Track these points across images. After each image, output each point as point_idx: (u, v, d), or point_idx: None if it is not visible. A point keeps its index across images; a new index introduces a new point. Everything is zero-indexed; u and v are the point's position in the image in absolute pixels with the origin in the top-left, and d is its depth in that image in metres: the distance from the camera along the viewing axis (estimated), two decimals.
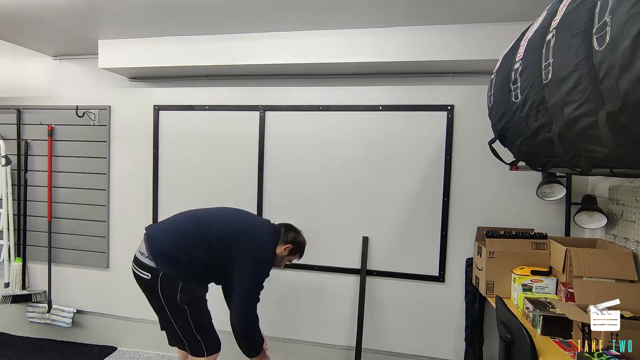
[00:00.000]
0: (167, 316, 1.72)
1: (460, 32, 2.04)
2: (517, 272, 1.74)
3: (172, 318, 1.71)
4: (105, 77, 2.76)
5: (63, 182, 2.67)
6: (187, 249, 1.68)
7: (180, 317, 1.71)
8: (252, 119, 2.39)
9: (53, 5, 1.97)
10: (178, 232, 1.74)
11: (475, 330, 2.10)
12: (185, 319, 1.71)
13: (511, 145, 1.40)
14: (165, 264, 1.65)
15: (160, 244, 1.69)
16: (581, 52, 0.77)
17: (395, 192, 2.22)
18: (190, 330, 1.74)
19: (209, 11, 1.99)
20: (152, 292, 1.69)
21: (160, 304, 1.69)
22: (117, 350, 2.67)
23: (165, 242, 1.70)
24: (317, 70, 2.38)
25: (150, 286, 1.68)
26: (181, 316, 1.71)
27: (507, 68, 1.27)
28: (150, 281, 1.66)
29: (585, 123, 0.80)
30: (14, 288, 2.71)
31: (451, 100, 2.15)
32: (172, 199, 2.53)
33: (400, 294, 2.26)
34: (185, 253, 1.67)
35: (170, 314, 1.71)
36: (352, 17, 2.02)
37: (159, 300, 1.68)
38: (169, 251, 1.67)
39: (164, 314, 1.73)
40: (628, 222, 1.70)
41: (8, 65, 2.97)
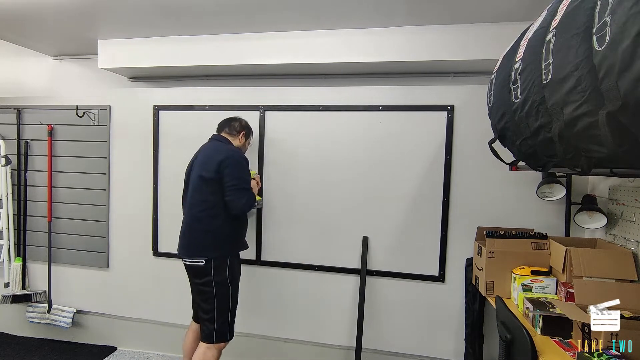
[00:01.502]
0: (212, 298, 1.83)
1: (460, 32, 2.04)
2: (517, 272, 1.74)
3: (217, 299, 1.84)
4: (105, 77, 2.76)
5: (63, 182, 2.67)
6: (202, 213, 1.84)
7: (221, 298, 1.85)
8: (252, 119, 2.39)
9: (53, 5, 1.97)
10: (187, 216, 1.92)
11: (475, 330, 2.10)
12: (225, 299, 1.86)
13: (511, 145, 1.40)
14: (207, 249, 1.82)
15: (189, 239, 1.87)
16: (581, 52, 0.77)
17: (395, 192, 2.22)
18: (226, 309, 1.88)
19: (208, 11, 1.99)
20: (201, 280, 1.84)
21: (211, 288, 1.82)
22: (117, 350, 2.67)
23: (189, 232, 1.88)
24: (317, 70, 2.38)
25: (200, 272, 1.83)
26: (223, 296, 1.85)
27: (507, 68, 1.27)
28: (200, 267, 1.82)
29: (585, 123, 0.80)
30: (14, 288, 2.71)
31: (451, 100, 2.15)
32: (172, 199, 2.53)
33: (400, 294, 2.26)
34: (206, 218, 1.83)
35: (217, 296, 1.84)
36: (353, 17, 2.02)
37: (210, 284, 1.82)
38: (199, 236, 1.84)
39: (209, 297, 1.83)
40: (628, 222, 1.70)
41: (8, 65, 2.97)
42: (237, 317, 2.47)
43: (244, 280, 2.44)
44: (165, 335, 2.61)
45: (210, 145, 1.98)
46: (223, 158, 1.83)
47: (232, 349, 2.48)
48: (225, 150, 1.89)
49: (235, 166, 1.84)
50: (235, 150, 1.94)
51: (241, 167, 1.88)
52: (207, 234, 1.83)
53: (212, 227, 1.83)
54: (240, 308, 2.46)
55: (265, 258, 2.42)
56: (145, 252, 2.59)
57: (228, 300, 1.86)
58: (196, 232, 1.85)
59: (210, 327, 1.83)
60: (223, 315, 1.85)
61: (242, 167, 1.88)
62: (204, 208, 1.84)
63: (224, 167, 1.81)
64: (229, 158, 1.83)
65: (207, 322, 1.84)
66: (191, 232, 1.87)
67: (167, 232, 2.55)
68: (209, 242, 1.83)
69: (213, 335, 1.83)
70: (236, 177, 1.83)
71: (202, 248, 1.83)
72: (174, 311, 2.57)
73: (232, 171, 1.82)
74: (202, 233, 1.84)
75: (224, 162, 1.82)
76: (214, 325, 1.83)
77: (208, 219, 1.83)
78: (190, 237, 1.87)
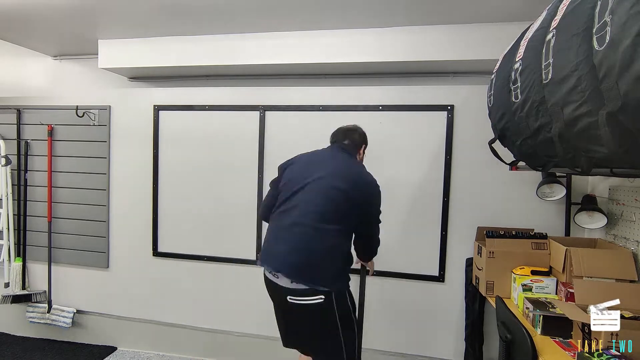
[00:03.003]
0: (338, 336, 1.51)
1: (460, 32, 2.04)
2: (517, 272, 1.74)
3: (343, 337, 1.51)
4: (105, 77, 2.76)
5: (63, 182, 2.67)
6: (336, 231, 1.48)
7: (348, 334, 1.54)
8: (252, 119, 2.39)
9: (53, 5, 1.97)
10: (304, 226, 1.47)
11: (475, 330, 2.10)
12: (352, 333, 1.56)
13: (511, 145, 1.40)
14: (332, 279, 1.47)
15: (307, 258, 1.45)
16: (581, 52, 0.77)
17: (395, 191, 2.22)
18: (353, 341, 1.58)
19: (208, 11, 1.99)
20: (325, 315, 1.48)
21: (335, 324, 1.48)
22: (117, 350, 2.67)
23: (309, 249, 1.46)
24: (317, 70, 2.38)
25: (325, 310, 1.46)
26: (350, 331, 1.55)
27: (507, 68, 1.27)
28: (325, 303, 1.45)
29: (585, 123, 0.80)
30: (14, 288, 2.71)
31: (451, 100, 2.15)
32: (172, 199, 2.53)
33: (400, 294, 2.26)
34: (340, 238, 1.51)
35: (342, 333, 1.51)
36: (353, 17, 2.02)
37: (335, 321, 1.48)
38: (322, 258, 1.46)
39: (334, 335, 1.50)
40: (628, 222, 1.70)
41: (8, 65, 2.97)
42: (238, 317, 2.48)
43: (244, 281, 2.45)
44: (165, 335, 2.60)
45: (339, 155, 1.66)
46: (369, 181, 1.59)
47: (233, 349, 2.48)
48: (363, 172, 1.63)
49: (379, 197, 1.63)
50: (369, 175, 1.63)
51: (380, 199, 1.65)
52: (336, 259, 1.50)
53: (344, 249, 1.53)
54: (242, 308, 2.47)
55: None
56: (145, 252, 2.59)
57: (354, 331, 1.57)
58: (324, 252, 1.47)
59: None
60: (351, 348, 1.55)
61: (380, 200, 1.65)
62: (341, 228, 1.50)
63: (370, 194, 1.58)
64: (377, 187, 1.60)
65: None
66: (314, 250, 1.46)
67: (167, 232, 2.55)
68: (336, 268, 1.51)
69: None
70: (379, 210, 1.65)
71: (326, 275, 1.46)
72: (174, 311, 2.57)
73: (378, 202, 1.62)
74: (331, 255, 1.48)
75: (371, 188, 1.58)
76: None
77: (342, 239, 1.53)
78: (310, 257, 1.45)
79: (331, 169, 1.56)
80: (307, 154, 1.72)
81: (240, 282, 2.45)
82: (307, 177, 1.55)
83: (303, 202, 1.51)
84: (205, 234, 2.48)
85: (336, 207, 1.49)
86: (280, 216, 1.57)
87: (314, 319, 1.49)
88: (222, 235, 2.47)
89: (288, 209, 1.54)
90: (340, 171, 1.56)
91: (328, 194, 1.50)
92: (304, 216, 1.48)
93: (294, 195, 1.54)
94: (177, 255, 2.53)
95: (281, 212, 1.56)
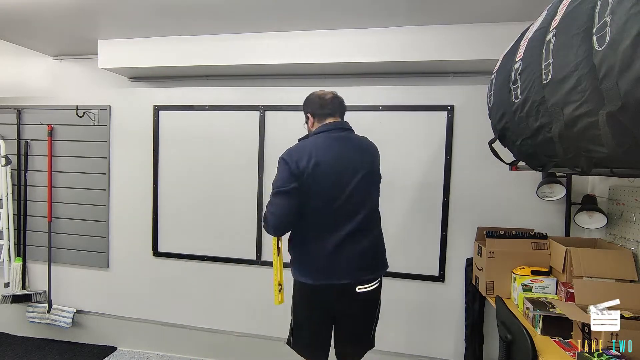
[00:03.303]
0: (372, 321, 1.61)
1: (460, 32, 2.04)
2: (517, 272, 1.74)
3: (376, 320, 1.63)
4: (105, 77, 2.76)
5: (63, 182, 2.67)
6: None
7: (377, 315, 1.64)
8: (252, 119, 2.39)
9: (53, 5, 1.97)
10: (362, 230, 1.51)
11: (475, 330, 2.10)
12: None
13: (511, 145, 1.40)
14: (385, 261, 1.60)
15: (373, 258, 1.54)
16: (581, 52, 0.77)
17: (395, 192, 2.22)
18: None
19: (208, 11, 1.99)
20: (376, 298, 1.60)
21: (377, 309, 1.62)
22: (117, 350, 2.67)
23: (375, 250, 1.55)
24: (317, 70, 2.38)
25: (376, 293, 1.59)
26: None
27: (507, 68, 1.27)
28: (378, 287, 1.57)
29: (585, 123, 0.80)
30: (14, 288, 2.71)
31: (451, 100, 2.15)
32: (172, 198, 2.53)
33: (400, 294, 2.26)
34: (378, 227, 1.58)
35: (377, 316, 1.63)
36: (352, 17, 2.02)
37: (377, 305, 1.61)
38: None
39: (371, 321, 1.60)
40: (628, 222, 1.70)
41: (8, 65, 2.97)
42: (238, 317, 2.48)
43: (245, 281, 2.45)
44: (165, 335, 2.61)
45: (353, 136, 1.61)
46: (375, 151, 1.64)
47: (233, 349, 2.48)
48: (368, 141, 1.65)
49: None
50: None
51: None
52: (382, 241, 1.62)
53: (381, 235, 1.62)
54: (242, 308, 2.47)
55: (265, 258, 2.41)
56: (145, 252, 2.59)
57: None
58: (381, 242, 1.60)
59: (369, 344, 1.65)
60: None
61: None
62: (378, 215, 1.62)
63: (378, 162, 1.64)
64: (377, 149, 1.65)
65: (368, 343, 1.64)
66: (378, 247, 1.59)
67: (167, 232, 2.55)
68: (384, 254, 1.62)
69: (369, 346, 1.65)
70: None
71: (385, 259, 1.62)
72: (174, 311, 2.57)
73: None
74: (382, 240, 1.61)
75: (376, 155, 1.64)
76: (370, 340, 1.65)
77: (379, 227, 1.62)
78: (377, 253, 1.57)
79: (359, 158, 1.52)
80: (325, 149, 1.48)
81: (240, 282, 2.45)
82: (345, 181, 1.47)
83: (353, 208, 1.48)
84: (205, 234, 2.48)
85: (377, 192, 1.60)
86: (333, 228, 1.47)
87: (375, 305, 1.60)
88: (222, 235, 2.47)
89: (339, 221, 1.47)
90: (367, 157, 1.56)
91: (370, 190, 1.55)
92: (361, 222, 1.49)
93: (342, 206, 1.47)
94: (177, 255, 2.53)
95: (332, 224, 1.47)
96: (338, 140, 1.52)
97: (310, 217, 1.47)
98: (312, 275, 1.48)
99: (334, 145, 1.49)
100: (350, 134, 1.59)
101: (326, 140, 1.50)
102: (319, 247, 1.47)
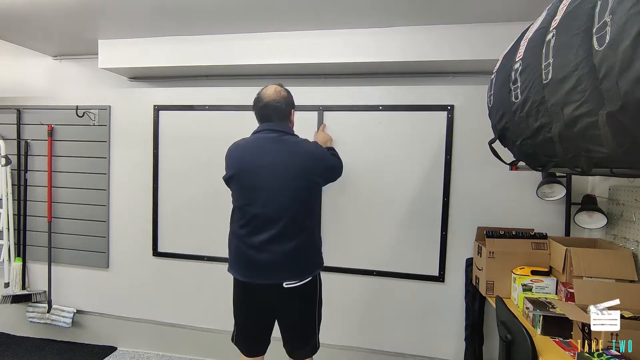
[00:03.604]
0: (312, 320, 1.65)
1: (460, 32, 2.04)
2: (517, 272, 1.74)
3: (317, 317, 1.67)
4: (105, 77, 2.76)
5: (63, 182, 2.67)
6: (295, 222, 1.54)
7: (319, 313, 1.68)
8: (253, 119, 2.37)
9: (53, 5, 1.97)
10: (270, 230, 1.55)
11: (475, 330, 2.10)
12: (319, 313, 1.68)
13: (511, 145, 1.40)
14: (309, 261, 1.60)
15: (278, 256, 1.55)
16: (581, 52, 0.77)
17: (395, 192, 2.22)
18: (317, 325, 1.69)
19: (209, 11, 1.99)
20: (309, 297, 1.63)
21: (315, 307, 1.65)
22: (117, 350, 2.67)
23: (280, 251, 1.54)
24: (317, 70, 2.38)
25: (311, 292, 1.63)
26: (319, 311, 1.68)
27: (507, 68, 1.27)
28: (310, 285, 1.60)
29: (585, 123, 0.80)
30: (14, 288, 2.71)
31: (451, 100, 2.15)
32: (172, 198, 2.53)
33: (400, 294, 2.26)
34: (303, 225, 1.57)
35: (318, 314, 1.67)
36: (353, 17, 2.02)
37: (315, 303, 1.64)
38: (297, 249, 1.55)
39: (309, 320, 1.65)
40: (628, 222, 1.70)
41: (8, 65, 2.97)
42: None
43: None
44: (165, 335, 2.61)
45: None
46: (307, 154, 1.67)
47: (233, 349, 2.48)
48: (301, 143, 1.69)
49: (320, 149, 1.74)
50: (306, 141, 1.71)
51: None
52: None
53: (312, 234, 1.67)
54: None
55: None
56: (145, 252, 2.59)
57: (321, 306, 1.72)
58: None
59: (313, 341, 1.67)
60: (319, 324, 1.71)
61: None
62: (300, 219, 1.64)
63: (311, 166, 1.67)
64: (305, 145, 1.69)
65: (310, 339, 1.66)
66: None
67: (167, 232, 2.55)
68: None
69: (316, 347, 1.68)
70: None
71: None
72: (173, 311, 2.57)
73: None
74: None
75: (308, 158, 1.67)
76: (315, 337, 1.68)
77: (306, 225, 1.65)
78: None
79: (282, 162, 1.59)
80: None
81: None
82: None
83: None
84: (206, 234, 2.48)
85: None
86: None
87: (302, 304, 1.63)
88: (222, 235, 2.46)
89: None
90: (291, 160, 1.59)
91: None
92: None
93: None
94: (177, 255, 2.53)
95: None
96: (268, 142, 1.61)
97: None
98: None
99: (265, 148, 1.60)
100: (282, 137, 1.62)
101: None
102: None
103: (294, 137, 1.64)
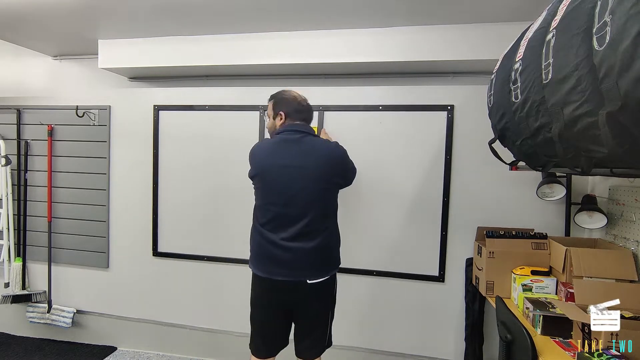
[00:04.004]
0: (327, 319, 1.66)
1: (460, 32, 2.04)
2: (517, 272, 1.74)
3: (331, 316, 1.68)
4: (105, 77, 2.76)
5: (63, 182, 2.67)
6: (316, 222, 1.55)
7: (332, 312, 1.69)
8: (252, 119, 2.39)
9: (53, 5, 1.97)
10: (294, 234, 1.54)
11: (475, 330, 2.10)
12: (333, 311, 1.70)
13: (511, 145, 1.40)
14: (326, 262, 1.61)
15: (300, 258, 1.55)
16: (581, 52, 0.77)
17: (395, 192, 2.22)
18: (330, 323, 1.70)
19: (209, 11, 1.99)
20: (327, 296, 1.65)
21: (331, 305, 1.67)
22: (117, 350, 2.67)
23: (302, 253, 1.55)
24: (317, 70, 2.38)
25: (330, 289, 1.66)
26: (333, 309, 1.69)
27: (507, 68, 1.27)
28: (330, 282, 1.63)
29: (585, 123, 0.80)
30: (14, 288, 2.71)
31: (451, 100, 2.15)
32: (172, 198, 2.53)
33: (400, 294, 2.26)
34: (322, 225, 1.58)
35: (332, 312, 1.68)
36: (353, 17, 2.02)
37: (331, 302, 1.66)
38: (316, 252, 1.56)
39: (325, 318, 1.66)
40: (628, 222, 1.70)
41: (8, 65, 2.97)
42: (238, 317, 2.47)
43: (244, 281, 2.44)
44: (165, 335, 2.61)
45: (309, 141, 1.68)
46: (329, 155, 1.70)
47: (233, 349, 2.48)
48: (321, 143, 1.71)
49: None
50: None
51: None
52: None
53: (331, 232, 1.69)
54: (242, 308, 2.46)
55: None
56: (145, 252, 2.59)
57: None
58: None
59: (324, 341, 1.67)
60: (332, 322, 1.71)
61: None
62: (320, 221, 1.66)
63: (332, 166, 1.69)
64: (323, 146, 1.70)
65: (322, 337, 1.66)
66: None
67: (167, 232, 2.55)
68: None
69: (325, 345, 1.68)
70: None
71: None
72: (174, 311, 2.57)
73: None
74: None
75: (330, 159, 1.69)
76: (326, 336, 1.67)
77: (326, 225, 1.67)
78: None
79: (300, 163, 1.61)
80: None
81: (240, 282, 2.45)
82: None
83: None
84: (206, 233, 2.48)
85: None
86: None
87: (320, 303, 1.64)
88: (222, 235, 2.47)
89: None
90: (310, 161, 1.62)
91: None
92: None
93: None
94: (177, 255, 2.53)
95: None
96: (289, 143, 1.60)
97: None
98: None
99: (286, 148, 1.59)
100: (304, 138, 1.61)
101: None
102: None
103: (317, 138, 1.66)
